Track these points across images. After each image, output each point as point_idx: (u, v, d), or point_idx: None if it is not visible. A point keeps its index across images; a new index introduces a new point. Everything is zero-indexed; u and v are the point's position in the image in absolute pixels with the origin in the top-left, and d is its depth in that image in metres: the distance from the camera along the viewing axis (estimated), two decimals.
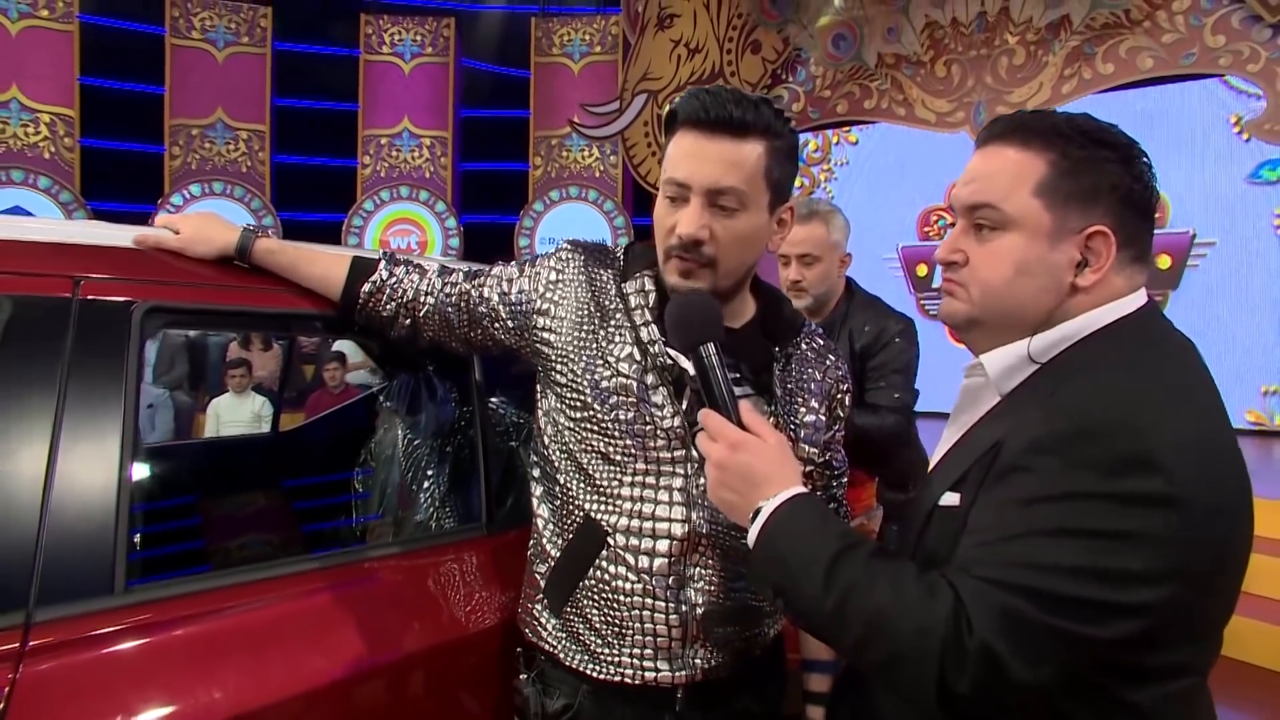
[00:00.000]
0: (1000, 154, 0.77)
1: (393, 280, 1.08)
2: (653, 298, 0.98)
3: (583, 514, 0.99)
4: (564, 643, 1.00)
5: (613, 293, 1.00)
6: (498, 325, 1.04)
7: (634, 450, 0.95)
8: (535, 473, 1.07)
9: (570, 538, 1.00)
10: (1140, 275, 0.76)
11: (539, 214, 8.36)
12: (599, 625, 0.97)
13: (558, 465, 1.02)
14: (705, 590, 0.96)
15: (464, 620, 1.12)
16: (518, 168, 8.55)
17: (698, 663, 0.97)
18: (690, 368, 0.87)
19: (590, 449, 0.98)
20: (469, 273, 1.09)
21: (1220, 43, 5.38)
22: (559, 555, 1.01)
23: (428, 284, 1.08)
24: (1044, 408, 0.70)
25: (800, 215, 1.74)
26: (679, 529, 0.94)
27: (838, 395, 1.06)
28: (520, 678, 1.04)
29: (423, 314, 1.08)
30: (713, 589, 0.96)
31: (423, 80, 8.37)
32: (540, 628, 1.03)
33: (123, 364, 0.93)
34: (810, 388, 1.03)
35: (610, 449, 0.96)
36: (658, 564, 0.95)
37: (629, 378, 0.96)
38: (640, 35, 7.49)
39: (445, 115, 8.40)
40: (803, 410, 1.01)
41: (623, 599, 0.95)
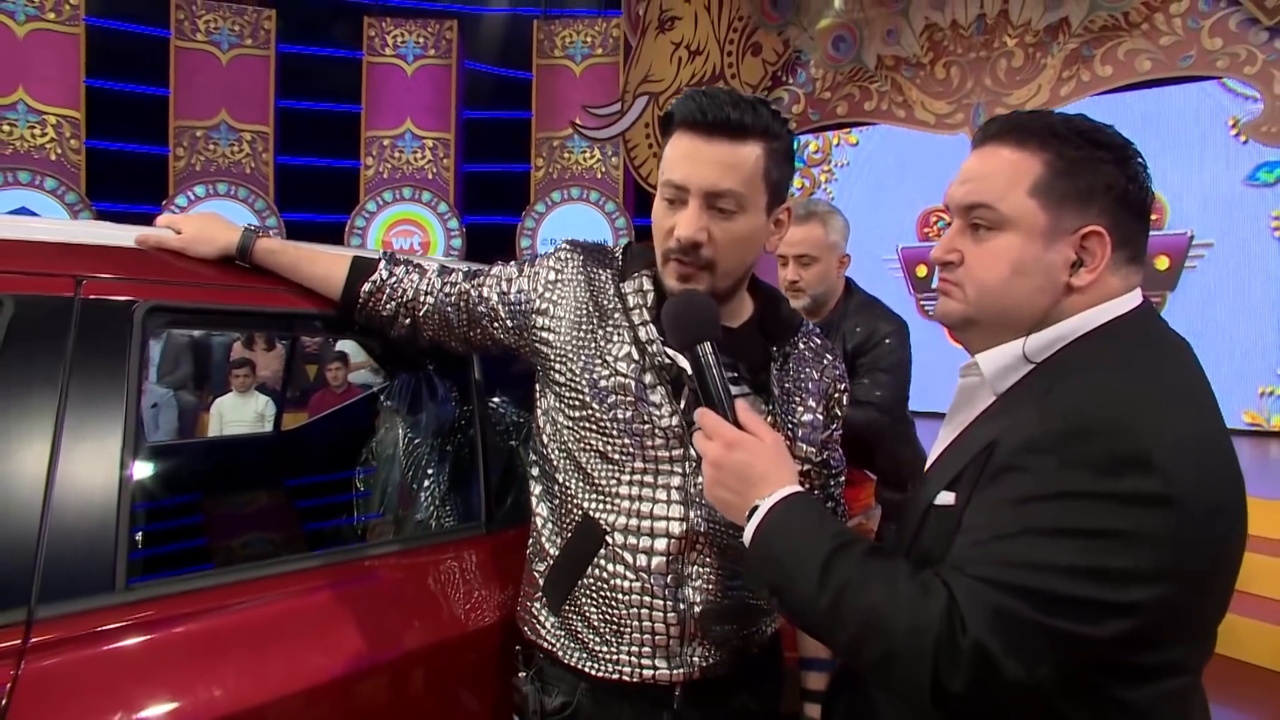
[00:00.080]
0: (996, 154, 0.77)
1: (392, 280, 1.09)
2: (651, 297, 0.99)
3: (581, 512, 0.99)
4: (562, 641, 1.00)
5: (611, 292, 1.00)
6: (497, 325, 1.05)
7: (632, 449, 0.96)
8: (534, 471, 1.08)
9: (569, 536, 1.00)
10: (1135, 275, 0.76)
11: (541, 215, 8.38)
12: (597, 623, 0.97)
13: (556, 464, 1.02)
14: (703, 589, 0.96)
15: (463, 618, 1.12)
16: (520, 169, 8.56)
17: (696, 661, 0.97)
18: (688, 366, 0.87)
19: (589, 448, 0.98)
20: (468, 272, 1.09)
21: (1217, 45, 5.37)
22: (557, 554, 1.01)
23: (427, 284, 1.08)
24: (1039, 407, 0.70)
25: (798, 216, 1.74)
26: (677, 527, 0.95)
27: (835, 394, 1.06)
28: (519, 675, 1.04)
29: (422, 313, 1.08)
30: (710, 587, 0.96)
31: (425, 82, 8.39)
32: (539, 626, 1.03)
33: (124, 363, 0.93)
34: (808, 387, 1.03)
35: (608, 448, 0.97)
36: (656, 562, 0.95)
37: (627, 377, 0.96)
38: (641, 37, 7.50)
39: (448, 117, 8.42)
40: (800, 409, 1.02)
41: (621, 597, 0.96)
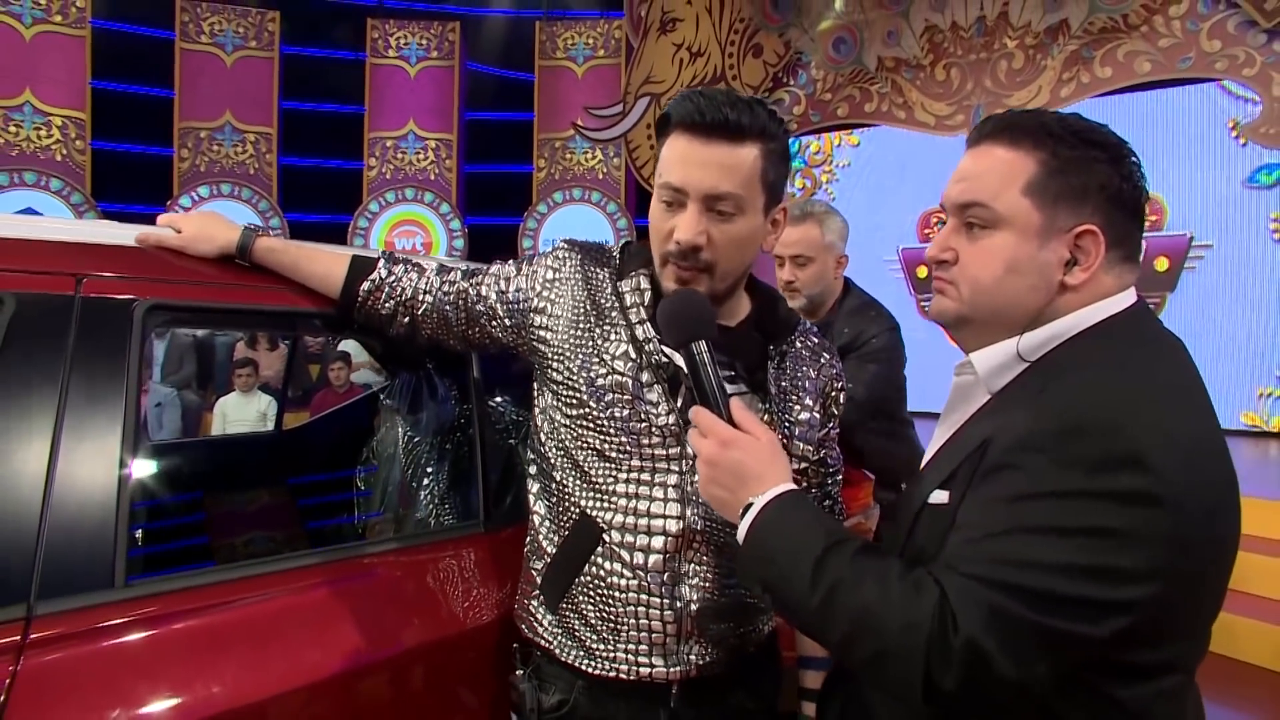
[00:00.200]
0: (990, 153, 0.77)
1: (391, 279, 1.09)
2: (648, 296, 0.99)
3: (578, 511, 0.99)
4: (560, 639, 1.00)
5: (609, 291, 1.01)
6: (495, 323, 1.05)
7: (629, 447, 0.96)
8: (532, 470, 1.08)
9: (566, 534, 1.00)
10: (1130, 274, 0.76)
11: (543, 216, 8.39)
12: (594, 621, 0.97)
13: (554, 462, 1.02)
14: (700, 587, 0.96)
15: (461, 616, 1.12)
16: (522, 170, 8.57)
17: (692, 659, 0.97)
18: (684, 365, 0.88)
19: (586, 446, 0.98)
20: (467, 271, 1.09)
21: (1216, 47, 5.36)
22: (555, 552, 1.01)
23: (426, 282, 1.09)
24: (1032, 406, 0.70)
25: (794, 216, 1.73)
26: (673, 525, 0.95)
27: (832, 393, 1.06)
28: (516, 673, 1.05)
29: (421, 312, 1.09)
30: (707, 585, 0.96)
31: (428, 83, 8.41)
32: (536, 624, 1.03)
33: (124, 361, 0.94)
34: (805, 385, 1.03)
35: (605, 446, 0.97)
36: (652, 560, 0.95)
37: (624, 375, 0.96)
38: (643, 39, 7.51)
39: (450, 118, 8.44)
40: (797, 408, 1.02)
41: (618, 595, 0.96)
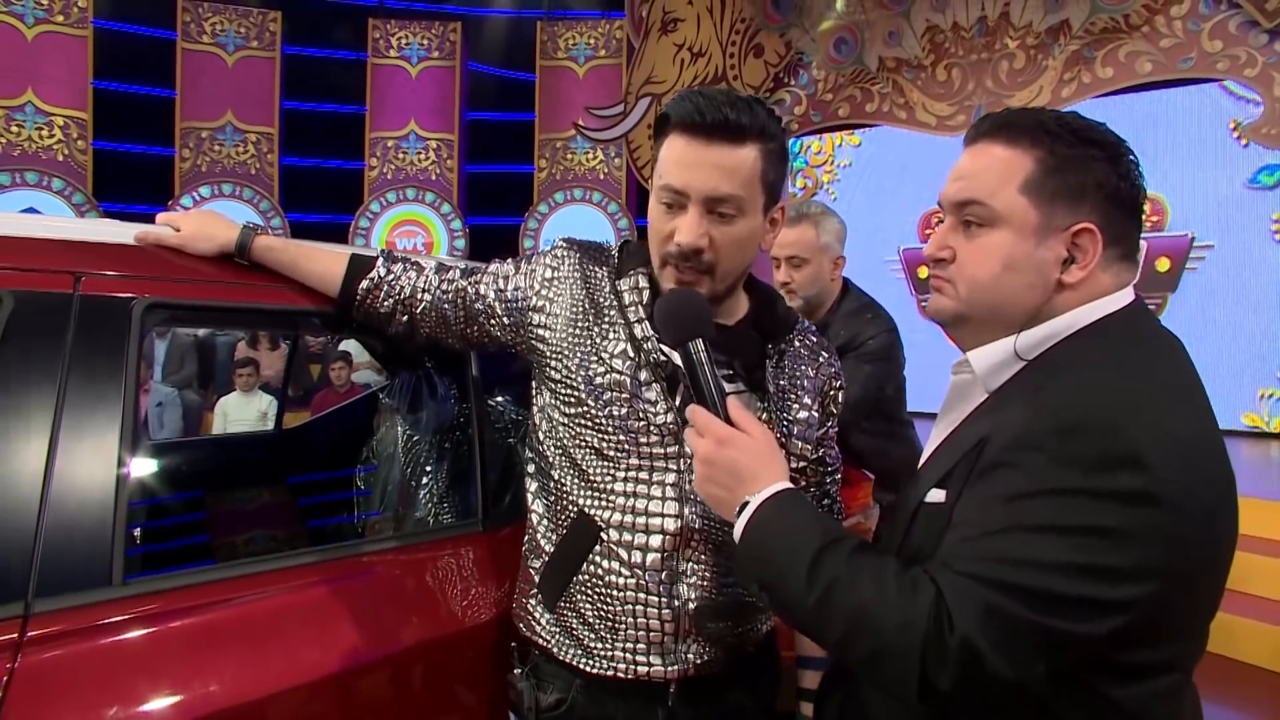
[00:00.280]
0: (988, 151, 0.77)
1: (390, 277, 1.09)
2: (646, 295, 0.99)
3: (576, 509, 0.99)
4: (557, 637, 1.00)
5: (607, 290, 1.01)
6: (493, 322, 1.05)
7: (627, 446, 0.96)
8: (530, 468, 1.08)
9: (564, 533, 1.00)
10: (1128, 273, 0.76)
11: (544, 216, 8.39)
12: (592, 620, 0.97)
13: (552, 461, 1.02)
14: (698, 585, 0.96)
15: (459, 615, 1.12)
16: (523, 170, 8.58)
17: (690, 658, 0.97)
18: (681, 363, 0.88)
19: (584, 444, 0.98)
20: (465, 270, 1.09)
21: (1218, 48, 5.34)
22: (553, 550, 1.01)
23: (425, 281, 1.09)
24: (1030, 404, 0.70)
25: (789, 218, 1.73)
26: (671, 524, 0.95)
27: (830, 392, 1.06)
28: (514, 672, 1.04)
29: (419, 310, 1.09)
30: (705, 584, 0.96)
31: (429, 84, 8.41)
32: (534, 622, 1.03)
33: (123, 359, 0.94)
34: (803, 384, 1.03)
35: (604, 444, 0.97)
36: (650, 559, 0.95)
37: (622, 374, 0.96)
38: (644, 39, 7.50)
39: (451, 118, 8.44)
40: (795, 407, 1.02)
41: (615, 594, 0.96)
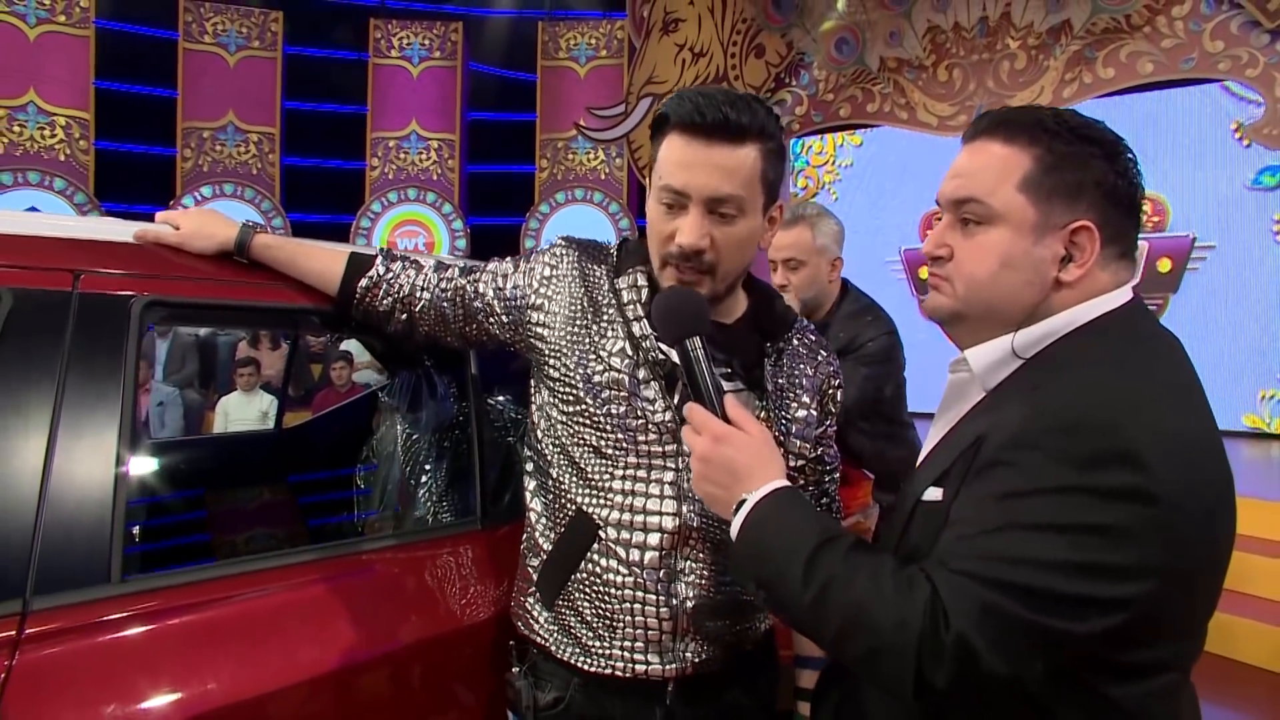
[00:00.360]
0: (986, 149, 0.77)
1: (389, 275, 1.09)
2: (645, 293, 0.99)
3: (575, 507, 0.99)
4: (555, 636, 1.00)
5: (606, 288, 1.01)
6: (492, 320, 1.05)
7: (625, 444, 0.96)
8: (528, 467, 1.08)
9: (562, 531, 1.00)
10: (1126, 271, 0.76)
11: (545, 216, 8.39)
12: (590, 618, 0.97)
13: (550, 459, 1.02)
14: (695, 584, 0.96)
15: (458, 613, 1.12)
16: (524, 170, 8.58)
17: (688, 656, 0.97)
18: (679, 361, 0.88)
19: (582, 443, 0.98)
20: (464, 268, 1.09)
21: (1219, 48, 5.33)
22: (551, 548, 1.01)
23: (424, 279, 1.09)
24: (1027, 402, 0.70)
25: (785, 220, 1.71)
26: (669, 522, 0.95)
27: (829, 390, 1.06)
28: (512, 670, 1.04)
29: (418, 309, 1.09)
30: (703, 583, 0.96)
31: (430, 84, 8.42)
32: (532, 621, 1.03)
33: (122, 357, 0.94)
34: (802, 383, 1.03)
35: (602, 443, 0.97)
36: (648, 557, 0.95)
37: (621, 372, 0.96)
38: (645, 39, 7.49)
39: (453, 118, 8.45)
40: (794, 405, 1.02)
41: (613, 592, 0.96)
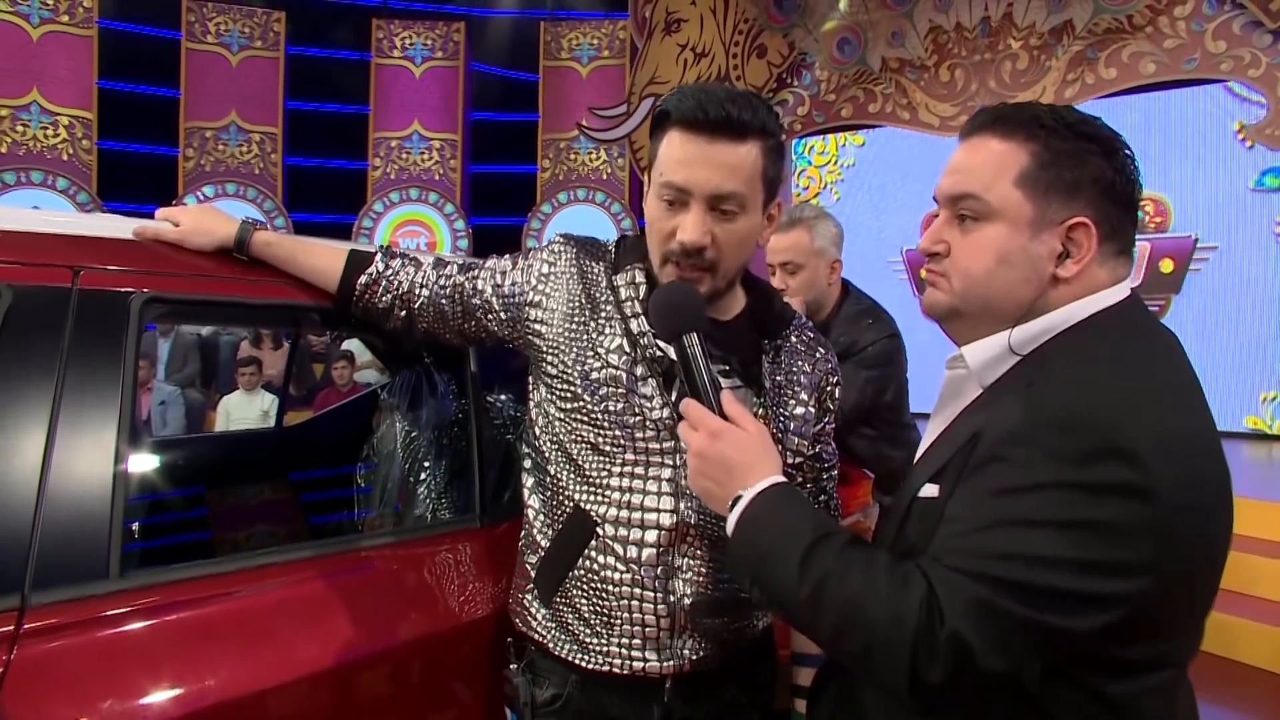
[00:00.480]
0: (983, 145, 0.77)
1: (389, 272, 1.09)
2: (643, 290, 0.99)
3: (572, 504, 0.99)
4: (553, 633, 1.00)
5: (604, 285, 1.01)
6: (491, 317, 1.05)
7: (623, 441, 0.96)
8: (526, 464, 1.08)
9: (560, 528, 1.00)
10: (1123, 268, 0.76)
11: (547, 216, 8.39)
12: (588, 615, 0.97)
13: (548, 456, 1.02)
14: (693, 581, 0.96)
15: (456, 610, 1.12)
16: (526, 170, 8.58)
17: (686, 653, 0.97)
18: (676, 357, 0.88)
19: (580, 439, 0.98)
20: (463, 265, 1.10)
21: (1221, 48, 5.32)
22: (549, 545, 1.01)
23: (423, 276, 1.09)
24: (1023, 399, 0.70)
25: (782, 224, 1.70)
26: (667, 519, 0.95)
27: (827, 388, 1.06)
28: (510, 667, 1.04)
29: (417, 306, 1.09)
30: (701, 580, 0.96)
31: (433, 84, 8.43)
32: (530, 618, 1.03)
33: (121, 353, 0.94)
34: (800, 380, 1.03)
35: (599, 439, 0.97)
36: (646, 554, 0.95)
37: (619, 369, 0.96)
38: (647, 40, 7.50)
39: (455, 118, 8.45)
40: (792, 402, 1.02)
41: (611, 589, 0.96)
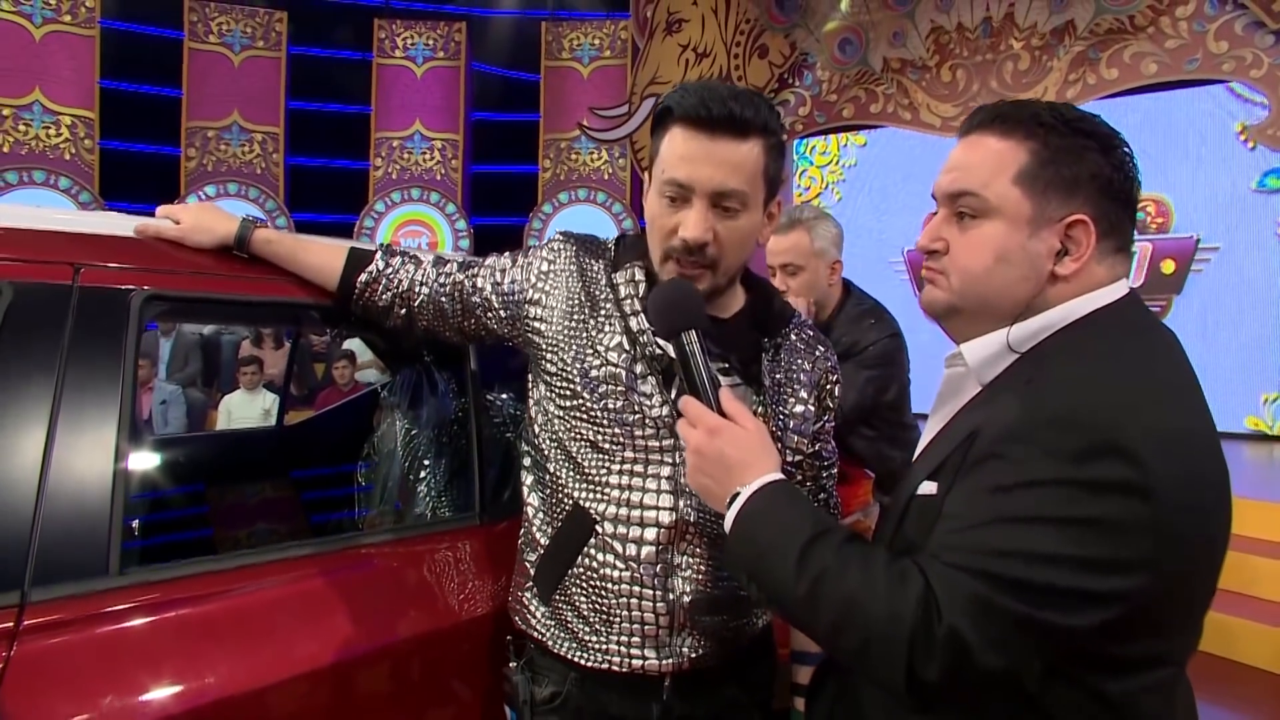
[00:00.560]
0: (982, 143, 0.77)
1: (389, 270, 1.09)
2: (642, 288, 0.99)
3: (572, 502, 0.99)
4: (553, 630, 1.00)
5: (603, 283, 1.01)
6: (490, 315, 1.05)
7: (622, 439, 0.96)
8: (526, 461, 1.08)
9: (559, 525, 1.00)
10: (1122, 266, 0.76)
11: (548, 216, 8.40)
12: (587, 613, 0.97)
13: (547, 454, 1.02)
14: (692, 579, 0.96)
15: (455, 608, 1.13)
16: (527, 170, 8.59)
17: (685, 651, 0.96)
18: (675, 355, 0.88)
19: (579, 437, 0.98)
20: (463, 263, 1.10)
21: (1223, 49, 5.31)
22: (548, 543, 1.01)
23: (423, 274, 1.09)
24: (1021, 396, 0.70)
25: (781, 225, 1.70)
26: (666, 517, 0.95)
27: (827, 386, 1.06)
28: (510, 665, 1.04)
29: (417, 304, 1.09)
30: (700, 577, 0.96)
31: (434, 84, 8.44)
32: (530, 615, 1.03)
33: (121, 350, 0.95)
34: (800, 378, 1.02)
35: (599, 437, 0.97)
36: (645, 552, 0.95)
37: (618, 366, 0.96)
38: (649, 40, 7.51)
39: (456, 118, 8.46)
40: (792, 400, 1.01)
41: (610, 587, 0.96)
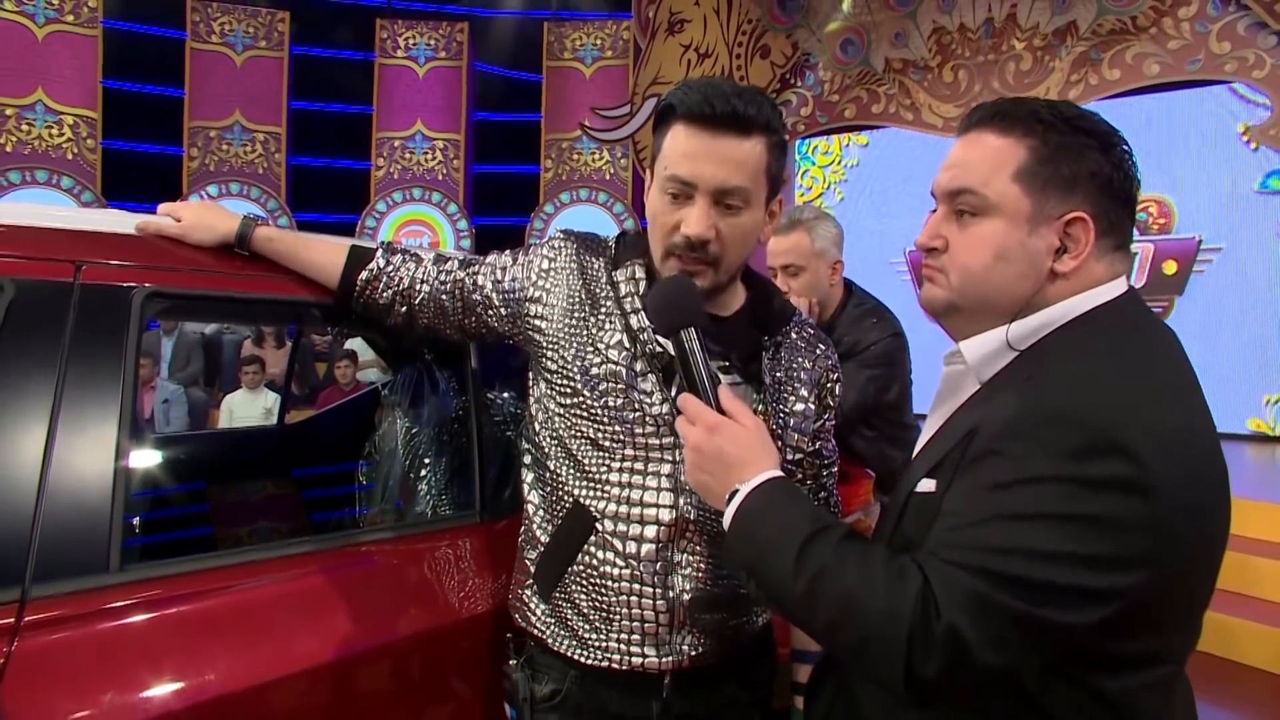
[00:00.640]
0: (981, 140, 0.77)
1: (389, 268, 1.10)
2: (643, 285, 0.99)
3: (572, 500, 0.99)
4: (552, 628, 1.00)
5: (604, 280, 1.01)
6: (491, 313, 1.05)
7: (622, 436, 0.96)
8: (526, 459, 1.08)
9: (559, 523, 1.00)
10: (1121, 264, 0.76)
11: (549, 216, 8.41)
12: (587, 610, 0.97)
13: (548, 451, 1.02)
14: (692, 576, 0.96)
15: (456, 606, 1.13)
16: (529, 170, 8.60)
17: (685, 649, 0.96)
18: (674, 352, 0.88)
19: (579, 435, 0.98)
20: (464, 261, 1.10)
21: (1226, 49, 5.31)
22: (548, 541, 1.01)
23: (423, 272, 1.09)
24: (1020, 393, 0.70)
25: (781, 226, 1.69)
26: (666, 515, 0.95)
27: (827, 384, 1.06)
28: (510, 663, 1.04)
29: (418, 301, 1.09)
30: (700, 575, 0.96)
31: (436, 84, 8.45)
32: (530, 613, 1.03)
33: (122, 347, 0.95)
34: (800, 376, 1.03)
35: (599, 435, 0.97)
36: (645, 550, 0.95)
37: (618, 364, 0.96)
38: (651, 40, 7.52)
39: (458, 118, 8.48)
40: (792, 399, 1.01)
41: (610, 584, 0.96)
